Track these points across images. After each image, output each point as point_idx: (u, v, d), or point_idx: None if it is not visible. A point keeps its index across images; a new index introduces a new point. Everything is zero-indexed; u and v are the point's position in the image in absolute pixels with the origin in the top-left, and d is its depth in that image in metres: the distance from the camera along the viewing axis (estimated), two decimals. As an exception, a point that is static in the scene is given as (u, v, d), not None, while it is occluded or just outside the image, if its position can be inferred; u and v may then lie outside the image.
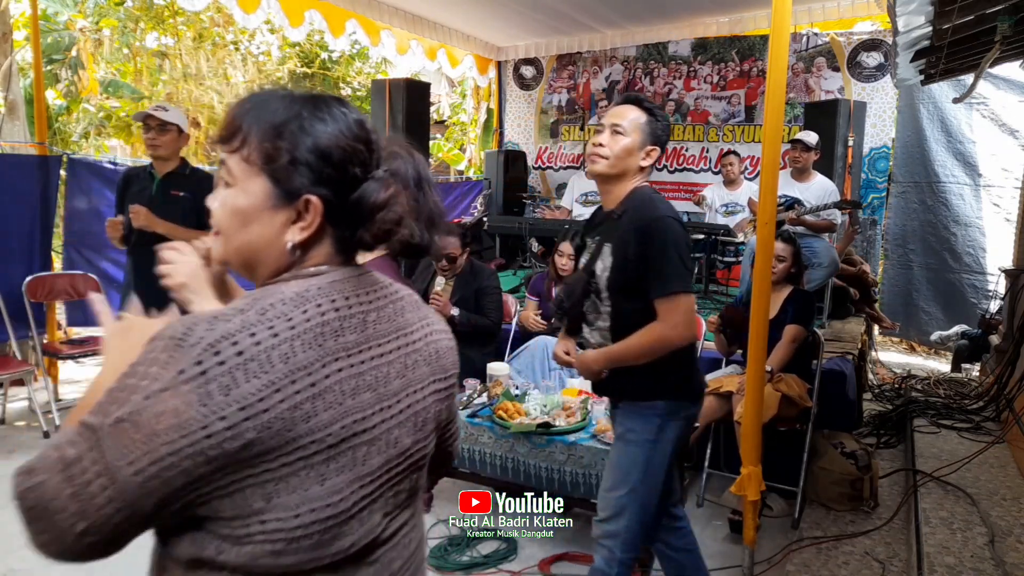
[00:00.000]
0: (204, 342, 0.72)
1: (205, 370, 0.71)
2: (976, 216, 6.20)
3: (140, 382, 0.72)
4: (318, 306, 0.80)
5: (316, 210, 0.83)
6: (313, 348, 0.78)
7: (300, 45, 11.18)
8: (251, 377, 0.72)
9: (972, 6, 2.85)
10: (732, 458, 3.31)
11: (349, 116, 0.85)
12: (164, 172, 3.33)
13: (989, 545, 2.38)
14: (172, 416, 0.70)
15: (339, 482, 0.79)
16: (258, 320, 0.76)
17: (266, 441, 0.73)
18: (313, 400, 0.76)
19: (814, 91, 6.41)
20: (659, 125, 1.96)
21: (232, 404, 0.71)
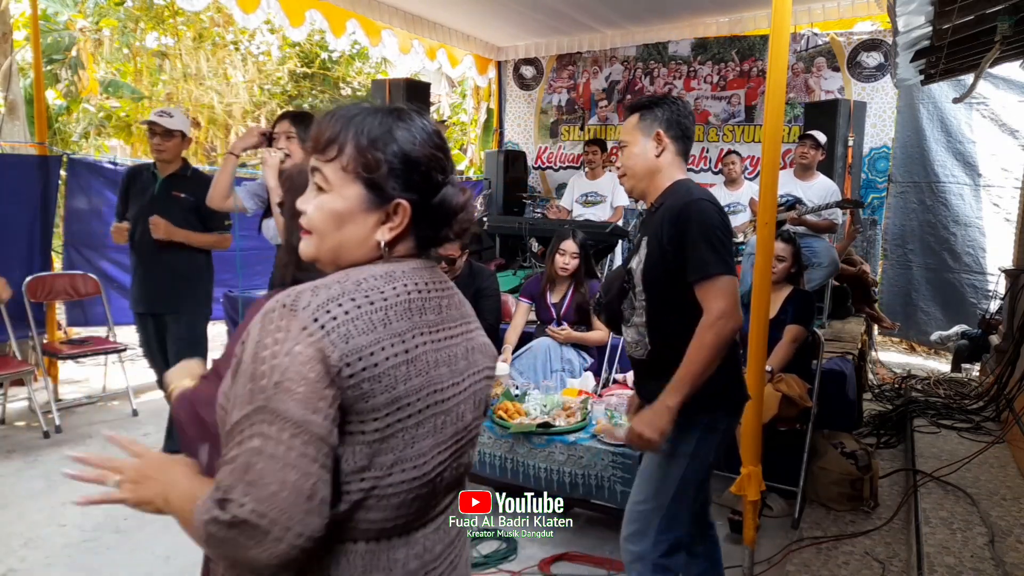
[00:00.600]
0: (314, 304, 0.82)
1: (323, 324, 0.80)
2: (976, 216, 6.20)
3: (273, 349, 0.80)
4: (404, 285, 0.91)
5: (405, 212, 0.93)
6: (404, 319, 0.88)
7: (300, 45, 11.18)
8: (362, 333, 0.82)
9: (972, 6, 2.85)
10: (732, 458, 3.30)
11: (429, 127, 0.95)
12: (167, 173, 3.43)
13: (989, 545, 2.38)
14: (315, 361, 0.79)
15: (424, 446, 0.89)
16: (355, 289, 0.86)
17: (376, 394, 0.83)
18: (408, 365, 0.87)
19: (814, 91, 6.41)
20: (656, 113, 1.88)
21: (353, 353, 0.81)
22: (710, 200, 1.79)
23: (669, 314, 1.79)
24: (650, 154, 1.87)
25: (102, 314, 4.78)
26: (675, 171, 1.89)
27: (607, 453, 2.73)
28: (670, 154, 1.88)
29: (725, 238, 1.75)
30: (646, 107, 1.90)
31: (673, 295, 1.78)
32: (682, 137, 1.89)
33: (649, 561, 1.83)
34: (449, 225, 0.97)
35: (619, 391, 3.48)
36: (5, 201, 4.43)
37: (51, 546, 2.83)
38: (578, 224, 5.17)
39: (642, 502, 1.87)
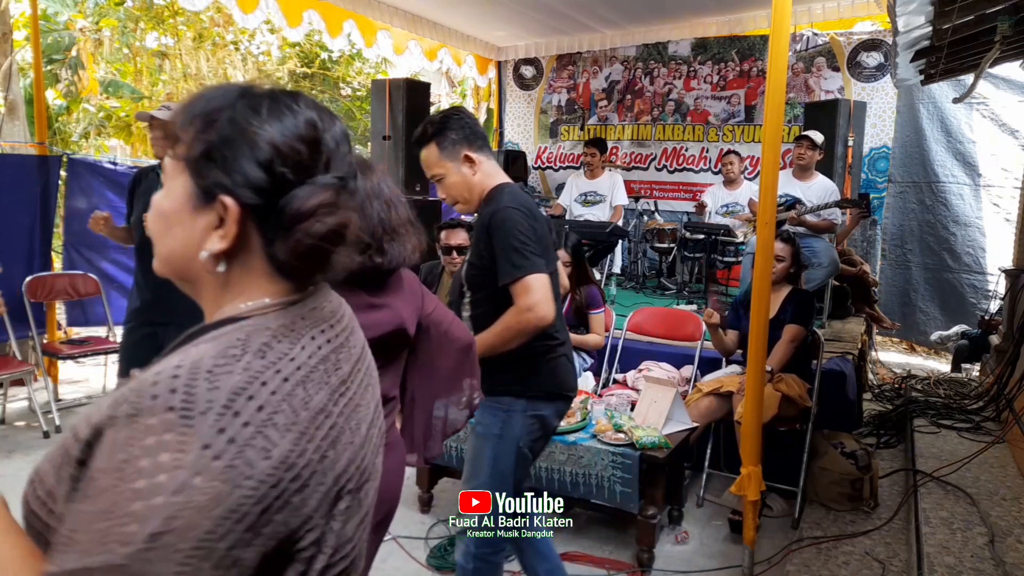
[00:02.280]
0: (216, 404, 0.59)
1: (232, 437, 0.58)
2: (976, 216, 6.20)
3: (154, 479, 0.55)
4: (313, 339, 0.71)
5: (232, 214, 0.69)
6: (323, 388, 0.69)
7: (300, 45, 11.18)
8: (284, 432, 0.62)
9: (972, 6, 2.85)
10: (732, 458, 3.31)
11: (299, 114, 0.72)
12: None
13: (989, 545, 2.38)
14: (217, 504, 0.56)
15: (352, 525, 0.73)
16: (263, 366, 0.64)
17: (308, 500, 0.64)
18: (334, 444, 0.68)
19: (814, 91, 6.41)
20: (451, 136, 1.89)
21: (279, 467, 0.61)
22: (516, 207, 1.84)
23: (490, 313, 1.88)
24: (468, 177, 1.91)
25: (102, 314, 4.78)
26: (490, 179, 1.94)
27: (607, 453, 2.73)
28: (483, 165, 1.92)
29: (529, 239, 1.81)
30: (437, 134, 1.90)
31: (491, 295, 1.88)
32: (482, 142, 1.94)
33: (474, 533, 1.95)
34: (284, 238, 0.70)
35: (619, 391, 3.48)
36: (5, 201, 4.43)
37: (51, 546, 2.83)
38: (578, 224, 5.18)
39: (465, 482, 1.99)
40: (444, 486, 3.24)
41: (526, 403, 1.91)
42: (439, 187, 1.97)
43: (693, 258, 5.38)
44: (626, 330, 4.03)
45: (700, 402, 3.24)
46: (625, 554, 2.87)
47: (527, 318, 1.79)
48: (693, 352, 3.84)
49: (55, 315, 4.84)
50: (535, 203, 1.97)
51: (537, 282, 1.79)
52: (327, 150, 0.73)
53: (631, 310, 4.26)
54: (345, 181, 0.73)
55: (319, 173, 0.72)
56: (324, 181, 0.71)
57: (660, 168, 7.22)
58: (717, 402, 3.26)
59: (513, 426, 1.91)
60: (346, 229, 0.72)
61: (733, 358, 3.62)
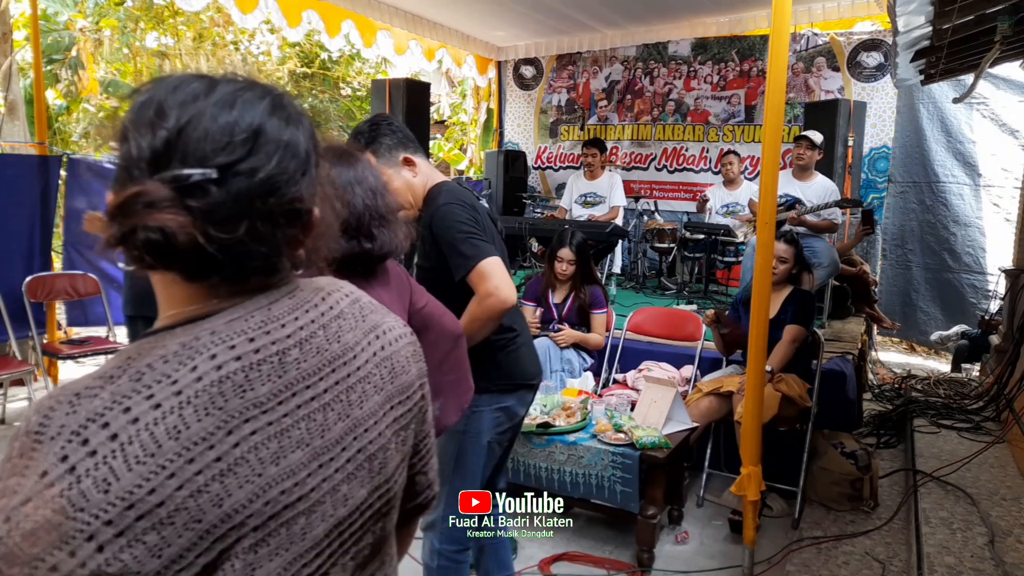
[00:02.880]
0: (67, 431, 0.56)
1: (73, 466, 0.55)
2: (976, 216, 6.20)
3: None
4: (212, 357, 0.63)
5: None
6: (212, 413, 0.61)
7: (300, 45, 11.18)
8: (133, 464, 0.56)
9: (972, 6, 2.85)
10: (732, 458, 3.31)
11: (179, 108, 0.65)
12: None
13: (989, 545, 2.38)
14: (46, 532, 0.54)
15: (272, 568, 0.64)
16: (132, 389, 0.59)
17: (173, 541, 0.57)
18: (222, 478, 0.60)
19: (814, 91, 6.41)
20: (385, 141, 1.87)
21: (116, 503, 0.55)
22: (454, 202, 1.84)
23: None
24: (410, 180, 1.90)
25: (102, 314, 4.78)
26: (429, 180, 1.94)
27: (607, 453, 2.73)
28: (421, 167, 1.92)
29: (473, 228, 1.81)
30: (371, 141, 1.88)
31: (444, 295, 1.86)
32: (415, 145, 1.93)
33: (439, 530, 1.95)
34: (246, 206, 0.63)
35: (619, 391, 3.48)
36: (5, 201, 4.43)
37: (51, 546, 2.83)
38: (578, 224, 5.18)
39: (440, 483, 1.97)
40: (444, 486, 3.24)
41: (490, 397, 1.91)
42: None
43: (693, 258, 5.38)
44: (626, 330, 4.03)
45: (700, 402, 3.24)
46: (625, 554, 2.87)
47: (490, 303, 1.78)
48: (693, 352, 3.84)
49: (55, 315, 4.83)
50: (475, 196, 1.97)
51: (492, 266, 1.78)
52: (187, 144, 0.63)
53: (631, 310, 4.26)
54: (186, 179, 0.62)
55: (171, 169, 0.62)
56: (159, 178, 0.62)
57: (660, 168, 7.22)
58: (717, 402, 3.26)
59: (477, 421, 1.91)
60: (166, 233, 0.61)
61: (733, 358, 3.62)
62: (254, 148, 0.65)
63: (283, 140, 0.67)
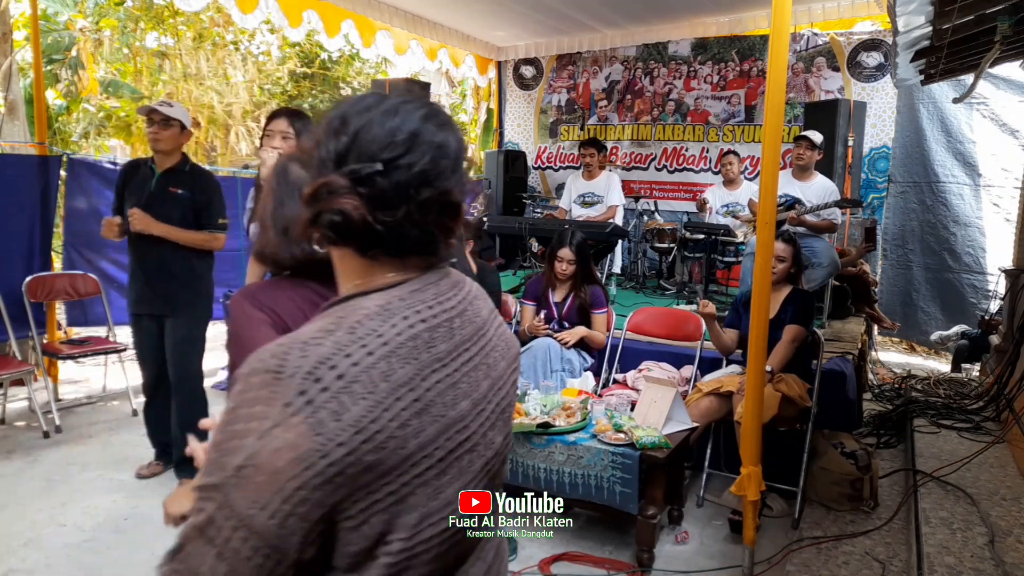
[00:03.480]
0: (302, 370, 0.71)
1: (311, 399, 0.70)
2: (976, 216, 6.20)
3: (248, 425, 0.70)
4: (405, 318, 0.79)
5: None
6: (410, 363, 0.77)
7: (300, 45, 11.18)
8: (358, 399, 0.72)
9: (972, 6, 2.85)
10: (732, 458, 3.31)
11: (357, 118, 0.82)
12: (164, 167, 3.32)
13: (989, 545, 2.38)
14: (290, 450, 0.69)
15: (450, 493, 0.81)
16: (350, 340, 0.75)
17: (384, 462, 0.73)
18: (419, 415, 0.76)
19: (814, 91, 6.41)
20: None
21: (347, 428, 0.70)
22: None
23: None
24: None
25: (102, 314, 4.78)
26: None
27: (607, 453, 2.73)
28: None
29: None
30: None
31: None
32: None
33: None
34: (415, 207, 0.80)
35: (619, 391, 3.48)
36: (5, 201, 4.43)
37: (51, 546, 2.83)
38: (578, 224, 5.18)
39: None
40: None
41: None
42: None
43: (693, 258, 5.38)
44: (626, 330, 4.03)
45: (700, 402, 3.24)
46: (625, 554, 2.87)
47: None
48: (693, 352, 3.84)
49: (55, 315, 4.83)
50: None
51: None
52: (361, 145, 0.80)
53: (631, 310, 4.26)
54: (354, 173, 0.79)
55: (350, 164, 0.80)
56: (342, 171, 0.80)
57: (660, 168, 7.22)
58: (717, 402, 3.26)
59: None
60: (343, 214, 0.79)
61: (733, 358, 3.62)
62: (412, 147, 0.80)
63: (436, 142, 0.82)
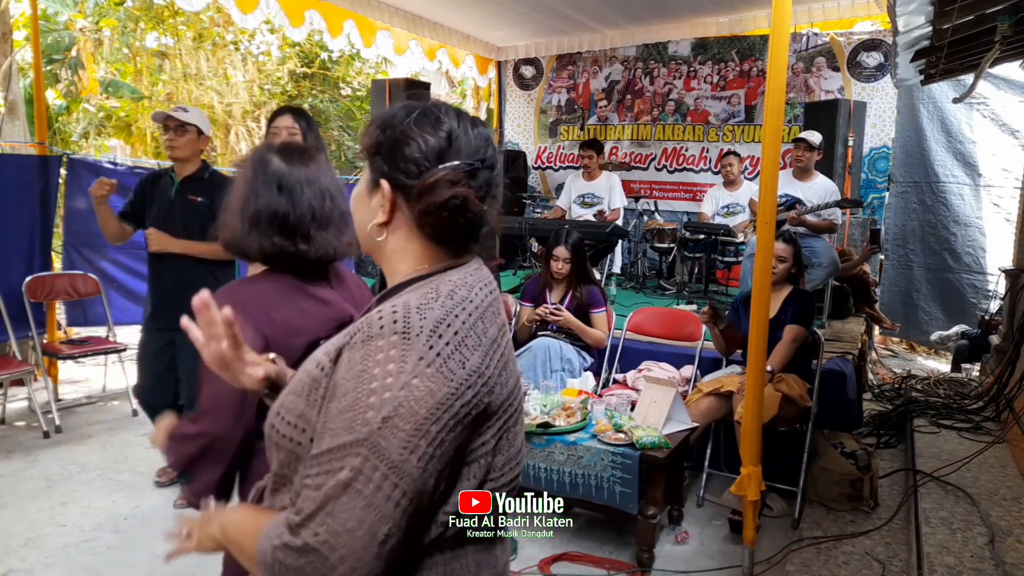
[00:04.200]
0: (427, 329, 0.81)
1: (439, 352, 0.80)
2: (976, 216, 6.20)
3: (384, 381, 0.78)
4: (480, 290, 0.91)
5: (385, 192, 0.91)
6: (494, 325, 0.90)
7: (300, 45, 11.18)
8: (473, 351, 0.83)
9: (972, 6, 2.85)
10: (732, 458, 3.31)
11: (441, 120, 0.92)
12: (183, 175, 3.20)
13: (989, 545, 2.38)
14: (429, 397, 0.78)
15: (519, 444, 0.94)
16: (453, 304, 0.86)
17: (493, 404, 0.85)
18: (504, 368, 0.89)
19: (814, 91, 6.41)
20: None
21: (472, 375, 0.82)
22: None
23: None
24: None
25: (102, 314, 4.78)
26: None
27: (607, 453, 2.73)
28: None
29: None
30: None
31: None
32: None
33: None
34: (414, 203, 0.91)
35: (619, 391, 3.48)
36: (5, 201, 4.43)
37: (51, 546, 2.83)
38: (578, 225, 5.18)
39: None
40: (444, 486, 3.23)
41: None
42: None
43: (693, 258, 5.38)
44: (626, 330, 4.03)
45: (700, 402, 3.24)
46: (625, 554, 2.87)
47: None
48: (693, 352, 3.84)
49: (55, 315, 4.83)
50: None
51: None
52: (458, 144, 0.92)
53: (631, 310, 4.26)
54: (471, 166, 0.91)
55: (450, 159, 0.91)
56: (449, 164, 0.90)
57: (660, 168, 7.22)
58: (717, 402, 3.26)
59: None
60: (464, 200, 0.90)
61: (733, 358, 3.62)
62: (492, 150, 0.95)
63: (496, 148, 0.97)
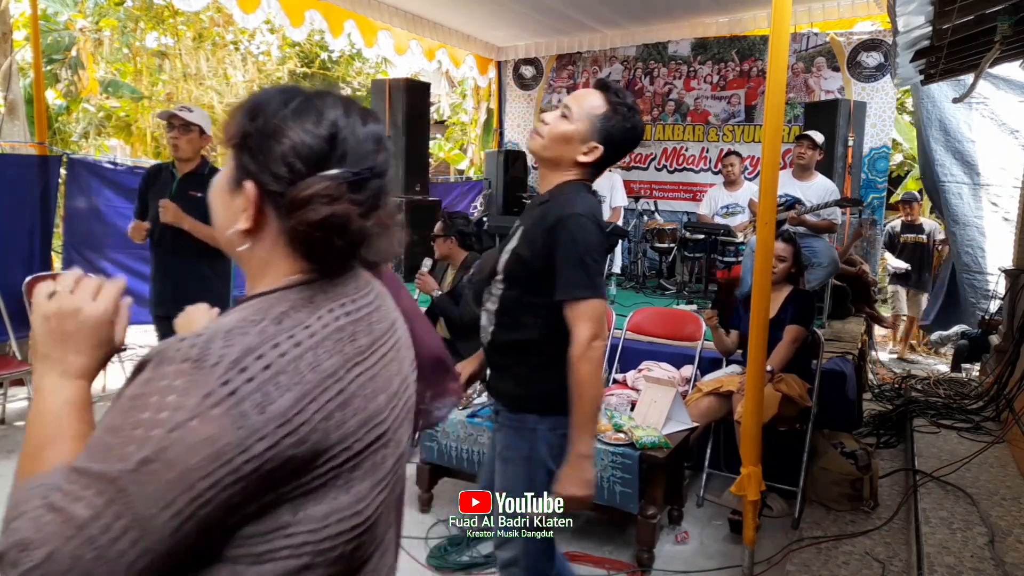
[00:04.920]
0: (227, 359, 0.66)
1: (234, 389, 0.65)
2: (975, 216, 6.19)
3: (157, 415, 0.64)
4: (330, 311, 0.77)
5: (249, 196, 0.76)
6: (336, 355, 0.74)
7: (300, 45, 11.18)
8: (284, 391, 0.68)
9: (972, 6, 2.85)
10: (732, 458, 3.31)
11: (324, 113, 0.78)
12: (184, 172, 3.32)
13: (989, 545, 2.38)
14: (206, 446, 0.64)
15: (363, 488, 0.77)
16: (277, 331, 0.71)
17: (303, 455, 0.69)
18: (342, 407, 0.74)
19: (814, 91, 6.41)
20: (615, 121, 1.72)
21: (271, 422, 0.66)
22: (591, 217, 1.69)
23: (520, 312, 1.72)
24: (576, 149, 1.74)
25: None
26: (580, 174, 1.78)
27: (607, 453, 2.72)
28: (589, 165, 1.77)
29: (599, 259, 1.68)
30: (614, 107, 1.73)
31: (528, 296, 1.72)
32: (615, 155, 1.78)
33: (522, 567, 1.82)
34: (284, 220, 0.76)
35: (619, 391, 3.48)
36: (5, 201, 4.43)
37: (51, 546, 2.83)
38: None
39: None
40: (444, 486, 3.24)
41: (552, 421, 1.76)
42: (558, 120, 1.75)
43: (693, 258, 5.39)
44: (626, 330, 4.03)
45: (700, 402, 3.24)
46: (625, 554, 2.87)
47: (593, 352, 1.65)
48: (693, 352, 3.84)
49: (55, 315, 4.83)
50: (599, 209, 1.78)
51: (599, 309, 1.66)
52: (343, 147, 0.78)
53: (631, 310, 4.26)
54: (357, 176, 0.77)
55: (331, 167, 0.76)
56: (329, 174, 0.76)
57: (660, 168, 7.22)
58: (717, 402, 3.26)
59: (541, 446, 1.77)
60: (343, 220, 0.76)
61: (733, 358, 3.62)
62: (383, 150, 0.81)
63: (387, 145, 0.83)
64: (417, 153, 6.21)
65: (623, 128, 1.74)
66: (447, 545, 2.86)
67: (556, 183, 1.78)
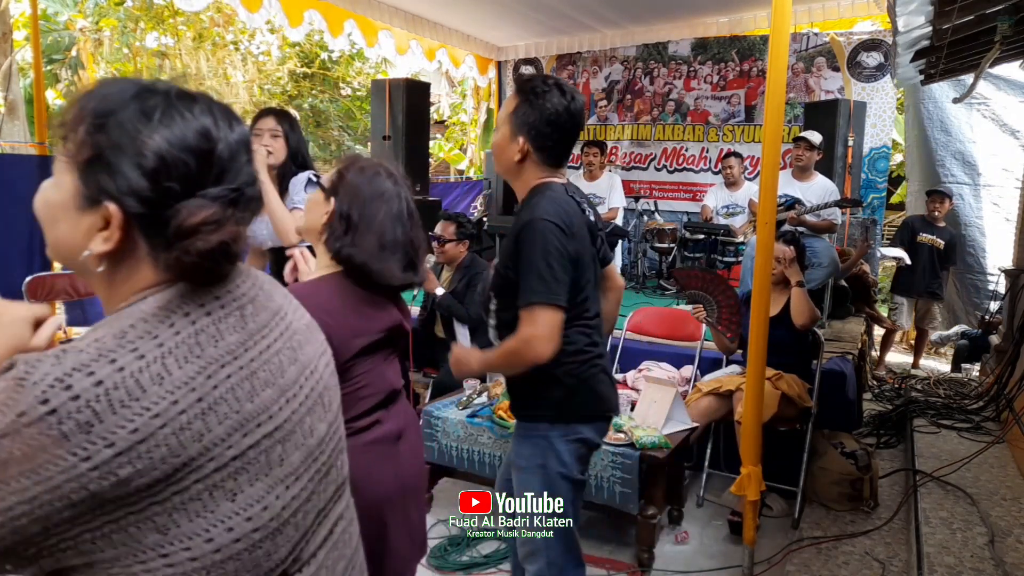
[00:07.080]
0: (50, 377, 0.62)
1: (55, 407, 0.61)
2: (976, 216, 6.19)
3: None
4: (186, 315, 0.71)
5: (115, 221, 0.69)
6: (191, 361, 0.69)
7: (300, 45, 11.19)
8: (117, 408, 0.63)
9: (972, 6, 2.85)
10: (732, 458, 3.31)
11: (191, 122, 0.71)
12: None
13: (989, 545, 2.38)
14: (16, 464, 0.60)
15: (256, 491, 0.72)
16: (117, 344, 0.66)
17: (148, 474, 0.64)
18: (204, 416, 0.68)
19: (814, 91, 6.41)
20: (526, 109, 1.70)
21: (97, 441, 0.61)
22: (553, 220, 1.65)
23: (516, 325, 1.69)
24: (511, 151, 1.74)
25: (101, 314, 4.76)
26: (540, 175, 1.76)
27: (607, 453, 2.72)
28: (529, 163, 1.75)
29: (555, 263, 1.63)
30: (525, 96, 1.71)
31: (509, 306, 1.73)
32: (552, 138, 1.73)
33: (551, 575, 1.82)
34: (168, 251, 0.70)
35: (619, 391, 3.47)
36: (5, 201, 4.44)
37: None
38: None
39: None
40: (444, 486, 3.24)
41: (564, 427, 1.75)
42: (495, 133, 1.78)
43: (693, 258, 5.39)
44: (626, 330, 4.03)
45: (700, 402, 3.24)
46: (625, 554, 2.87)
47: (523, 350, 1.64)
48: (693, 352, 3.83)
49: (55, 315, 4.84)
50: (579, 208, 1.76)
51: (549, 317, 1.62)
52: (220, 160, 0.72)
53: (631, 310, 4.26)
54: (238, 192, 0.73)
55: (209, 185, 0.71)
56: (212, 194, 0.70)
57: (660, 168, 7.22)
58: (717, 402, 3.26)
59: (556, 453, 1.76)
60: (232, 245, 0.72)
61: (733, 358, 3.62)
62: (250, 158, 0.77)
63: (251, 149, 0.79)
64: (417, 153, 6.21)
65: (540, 110, 1.70)
66: (447, 545, 2.86)
67: (524, 192, 1.80)
